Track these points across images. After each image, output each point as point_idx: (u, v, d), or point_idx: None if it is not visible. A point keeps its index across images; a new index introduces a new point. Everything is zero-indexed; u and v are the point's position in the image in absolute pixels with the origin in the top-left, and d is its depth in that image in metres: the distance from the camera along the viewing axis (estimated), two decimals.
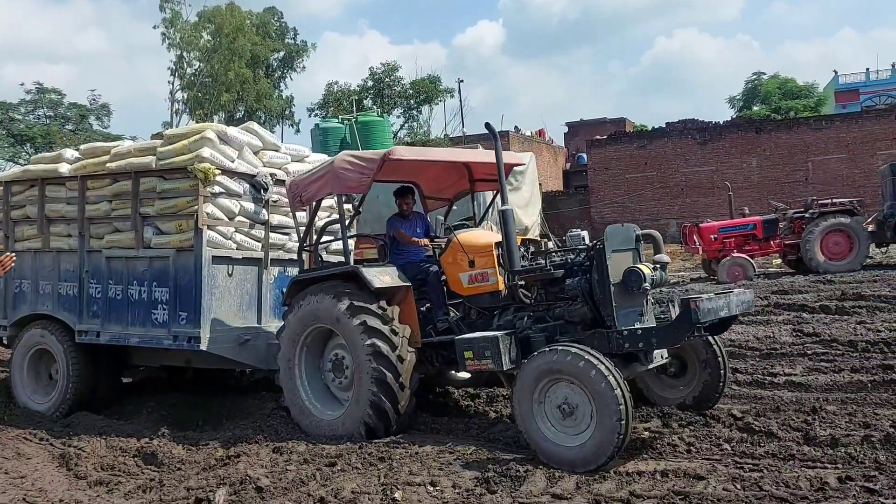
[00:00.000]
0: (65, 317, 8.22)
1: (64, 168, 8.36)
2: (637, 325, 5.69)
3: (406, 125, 39.32)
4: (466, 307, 6.70)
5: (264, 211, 7.88)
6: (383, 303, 6.37)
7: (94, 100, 37.79)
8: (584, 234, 6.36)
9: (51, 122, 36.08)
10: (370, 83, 38.53)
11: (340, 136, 19.11)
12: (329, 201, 7.92)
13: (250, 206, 7.78)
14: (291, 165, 8.35)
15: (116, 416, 8.04)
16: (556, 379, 5.28)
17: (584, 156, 34.07)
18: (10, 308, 8.72)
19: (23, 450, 6.87)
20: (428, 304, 6.78)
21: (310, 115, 40.22)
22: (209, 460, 5.95)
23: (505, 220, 6.04)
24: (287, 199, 7.65)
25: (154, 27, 41.63)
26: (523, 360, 5.64)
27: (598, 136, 33.49)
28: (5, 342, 9.23)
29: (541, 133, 38.52)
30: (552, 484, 4.94)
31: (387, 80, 38.12)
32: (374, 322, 6.24)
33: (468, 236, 6.73)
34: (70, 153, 8.72)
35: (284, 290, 7.42)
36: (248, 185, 7.77)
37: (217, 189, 7.42)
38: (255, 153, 8.09)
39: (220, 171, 7.39)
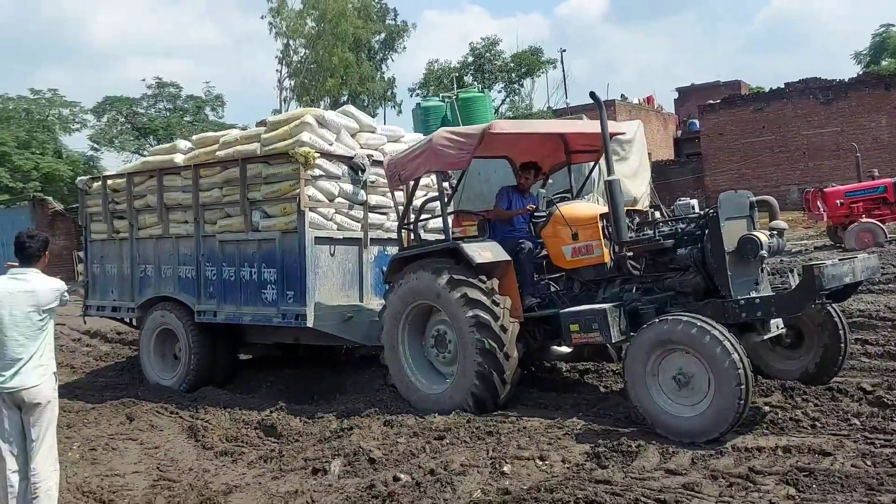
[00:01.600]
0: (185, 298, 8.70)
1: (178, 158, 8.83)
2: (754, 294, 5.50)
3: (507, 100, 39.02)
4: (569, 281, 6.62)
5: (362, 192, 8.07)
6: (483, 277, 6.37)
7: (208, 91, 39.70)
8: (694, 202, 6.20)
9: (170, 115, 38.16)
10: (470, 59, 38.40)
11: (441, 115, 19.11)
12: (426, 180, 7.97)
13: (349, 187, 7.98)
14: (388, 146, 8.51)
15: (239, 390, 8.46)
16: (669, 349, 5.18)
17: (696, 122, 32.70)
18: (136, 292, 9.29)
19: (155, 422, 7.34)
20: (529, 278, 6.71)
21: (411, 96, 40.60)
22: (324, 432, 6.15)
23: (612, 190, 5.94)
24: (384, 180, 7.80)
25: (262, 17, 43.12)
26: (632, 333, 5.58)
27: (710, 101, 31.99)
28: (134, 323, 9.88)
29: (649, 100, 37.22)
30: (666, 459, 4.81)
31: (487, 54, 37.88)
32: (475, 294, 6.25)
33: (570, 209, 6.66)
34: (184, 144, 9.20)
35: (384, 268, 7.59)
36: (346, 167, 7.96)
37: (317, 172, 7.63)
38: (353, 135, 8.28)
39: (319, 155, 7.60)
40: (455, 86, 26.47)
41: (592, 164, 7.80)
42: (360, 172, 7.97)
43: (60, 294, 4.81)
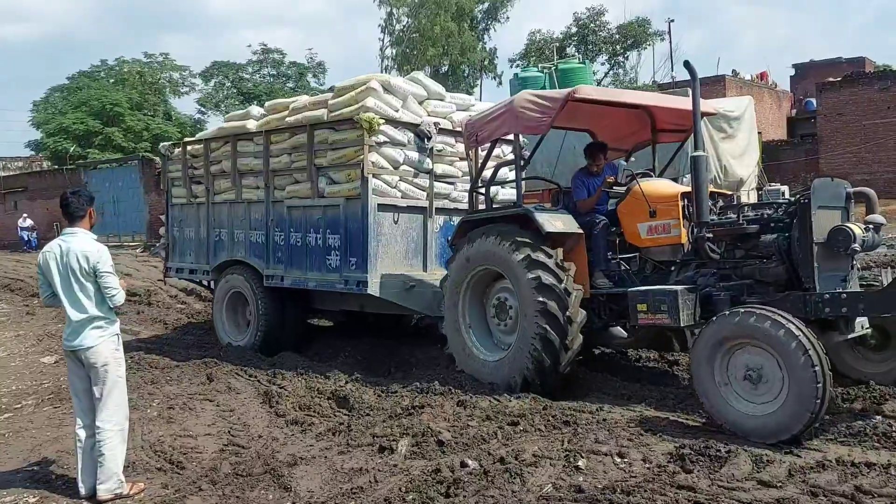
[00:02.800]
0: (255, 262, 8.82)
1: (251, 124, 8.89)
2: (840, 290, 5.16)
3: (611, 72, 37.78)
4: (642, 260, 6.38)
5: (428, 160, 7.95)
6: (559, 255, 6.18)
7: (311, 58, 40.31)
8: (784, 189, 5.72)
9: (274, 81, 39.00)
10: (574, 30, 37.33)
11: (539, 86, 18.61)
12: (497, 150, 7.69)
13: (414, 154, 7.87)
14: (456, 115, 8.34)
15: (317, 357, 8.46)
16: (742, 343, 4.88)
17: (814, 101, 30.61)
18: (211, 255, 9.52)
19: (233, 384, 7.39)
20: (602, 255, 6.45)
21: (511, 66, 39.90)
22: (395, 408, 5.98)
23: (696, 167, 5.63)
24: (453, 149, 7.76)
25: None
26: (703, 321, 5.31)
27: (830, 79, 29.85)
28: (210, 286, 10.07)
29: (762, 76, 35.14)
30: (759, 468, 4.36)
31: (592, 25, 36.71)
32: (538, 256, 6.10)
33: (651, 185, 6.37)
34: (257, 110, 9.26)
35: (450, 238, 7.43)
36: (412, 135, 7.86)
37: (381, 138, 7.55)
38: (420, 103, 8.17)
39: (384, 121, 7.52)
40: (555, 56, 25.75)
41: (680, 144, 7.31)
42: (426, 140, 7.85)
43: (90, 259, 4.67)
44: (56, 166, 32.94)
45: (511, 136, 6.88)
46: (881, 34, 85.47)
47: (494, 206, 7.28)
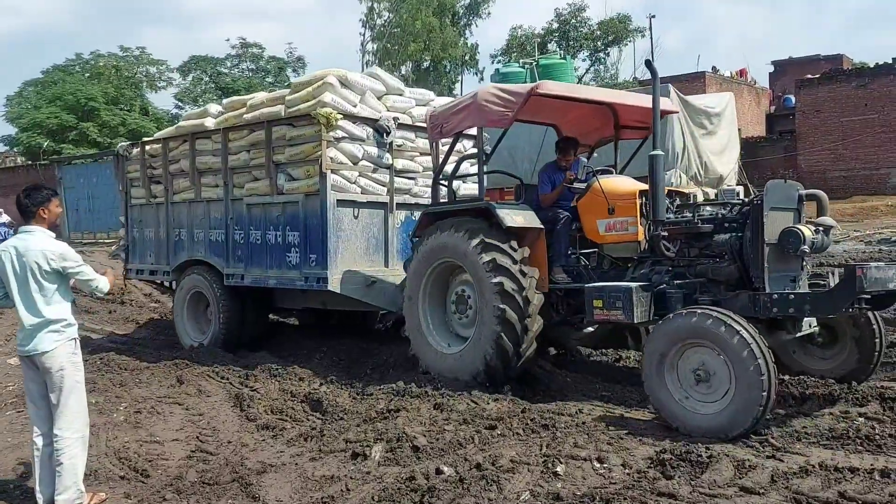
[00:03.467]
0: (215, 261, 8.76)
1: (209, 122, 8.86)
2: (789, 290, 5.26)
3: (592, 68, 37.77)
4: (600, 256, 6.46)
5: (388, 155, 7.93)
6: (514, 243, 6.21)
7: (290, 53, 39.90)
8: (739, 189, 5.85)
9: (252, 76, 38.59)
10: (555, 25, 37.26)
11: (520, 81, 18.46)
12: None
13: (374, 150, 7.85)
14: (416, 109, 8.32)
15: (292, 357, 8.24)
16: (693, 343, 4.95)
17: (792, 97, 30.76)
18: (172, 255, 9.43)
19: (204, 387, 7.18)
20: (562, 250, 6.52)
21: (492, 62, 39.77)
22: (370, 412, 5.81)
23: (654, 167, 5.67)
24: (413, 144, 7.82)
25: None
26: (657, 319, 5.34)
27: (809, 76, 30.00)
28: (172, 286, 9.94)
29: (742, 73, 35.27)
30: (741, 474, 4.25)
31: (573, 21, 36.66)
32: (504, 261, 6.12)
33: (611, 182, 6.43)
34: (215, 108, 9.22)
35: (412, 233, 7.41)
36: (371, 130, 7.82)
37: (340, 134, 7.52)
38: (379, 98, 8.15)
39: (341, 116, 7.48)
40: (537, 52, 25.65)
41: (641, 140, 7.28)
42: (385, 135, 7.82)
43: (52, 259, 4.47)
44: (30, 162, 32.33)
45: (475, 130, 6.87)
46: (859, 32, 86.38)
47: (457, 199, 7.27)
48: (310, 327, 9.74)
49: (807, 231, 5.21)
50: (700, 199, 6.26)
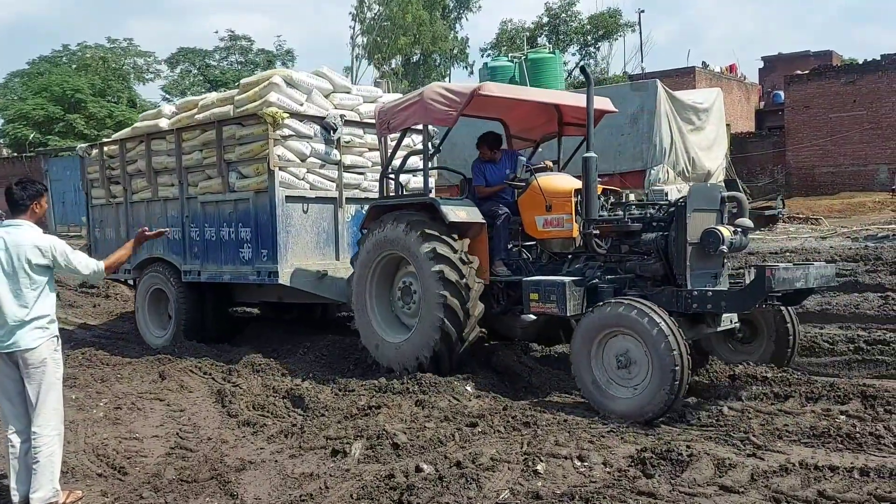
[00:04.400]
0: (173, 259, 8.95)
1: (163, 123, 9.09)
2: (708, 287, 5.58)
3: (582, 62, 37.70)
4: (539, 250, 6.75)
5: (336, 151, 8.13)
6: (455, 235, 6.48)
7: (279, 46, 39.72)
8: (668, 190, 6.17)
9: (241, 68, 38.34)
10: (545, 20, 37.18)
11: (509, 75, 18.44)
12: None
13: (321, 147, 8.03)
14: (363, 106, 8.51)
15: (275, 353, 8.19)
16: (617, 331, 5.28)
17: (781, 93, 30.81)
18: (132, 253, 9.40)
19: (186, 383, 7.13)
20: (503, 243, 6.79)
21: (482, 56, 39.66)
22: (351, 409, 5.77)
23: (587, 168, 6.00)
24: (362, 140, 8.13)
25: None
26: (588, 309, 5.59)
27: (798, 72, 30.06)
28: (132, 283, 10.06)
29: (731, 68, 35.29)
30: (721, 473, 4.23)
31: (563, 15, 36.60)
32: (443, 250, 6.37)
33: (548, 180, 6.65)
34: (168, 109, 9.46)
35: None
36: (318, 127, 8.00)
37: (286, 132, 7.71)
38: (326, 96, 8.34)
39: (288, 115, 7.66)
40: (526, 46, 25.59)
41: (583, 138, 7.35)
42: (332, 132, 8.01)
43: (44, 252, 4.40)
44: (15, 154, 32.05)
45: (421, 126, 7.07)
46: (848, 28, 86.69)
47: (405, 193, 7.48)
48: (295, 324, 9.68)
49: (726, 231, 5.46)
50: (632, 198, 6.60)
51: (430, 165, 7.03)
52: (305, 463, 4.87)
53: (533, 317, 6.62)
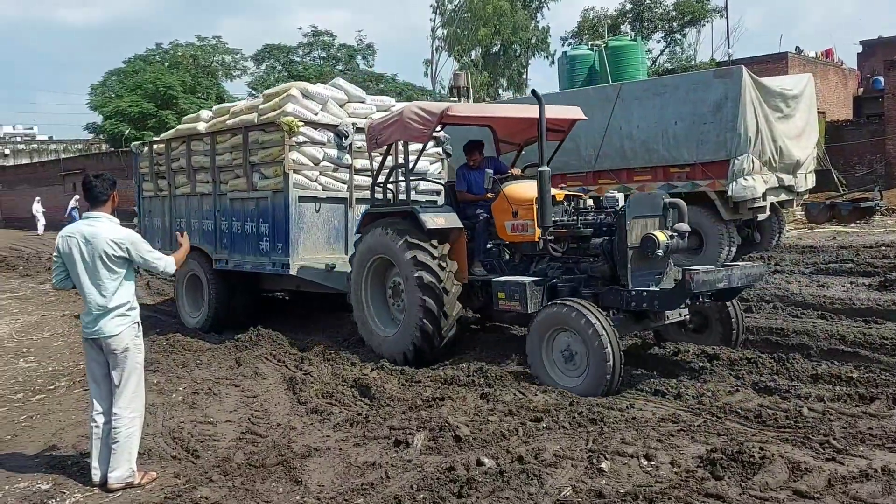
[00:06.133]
0: (206, 248, 9.79)
1: (201, 126, 9.92)
2: (645, 288, 6.08)
3: (667, 50, 36.68)
4: (512, 251, 7.33)
5: (348, 156, 8.85)
6: (435, 241, 7.07)
7: (360, 40, 40.19)
8: (620, 196, 6.55)
9: (323, 63, 39.03)
10: (629, 6, 36.27)
11: (589, 65, 18.06)
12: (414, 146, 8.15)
13: (333, 152, 8.77)
14: (376, 115, 8.99)
15: (346, 343, 8.33)
16: (561, 328, 5.90)
17: (881, 79, 29.07)
18: (173, 241, 10.07)
19: (260, 369, 7.32)
20: (482, 245, 7.40)
21: (562, 45, 39.02)
22: (416, 399, 5.79)
23: (542, 180, 6.42)
24: None
25: None
26: (539, 309, 6.19)
27: None
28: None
29: (827, 54, 33.52)
30: (796, 476, 4.03)
31: (647, 1, 35.59)
32: (423, 257, 6.97)
33: (514, 189, 7.20)
34: (206, 114, 10.34)
35: None
36: (332, 134, 8.73)
37: (301, 139, 8.47)
38: (342, 105, 9.12)
39: (303, 123, 8.43)
40: (607, 34, 25.04)
41: (559, 143, 8.11)
42: (344, 138, 8.72)
43: (120, 245, 4.58)
44: (112, 149, 33.64)
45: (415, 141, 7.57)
46: None
47: (412, 199, 7.94)
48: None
49: (662, 236, 5.99)
50: (591, 204, 7.15)
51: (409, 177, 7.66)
52: (368, 452, 4.91)
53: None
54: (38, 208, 32.49)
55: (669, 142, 11.84)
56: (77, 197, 32.01)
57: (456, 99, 26.96)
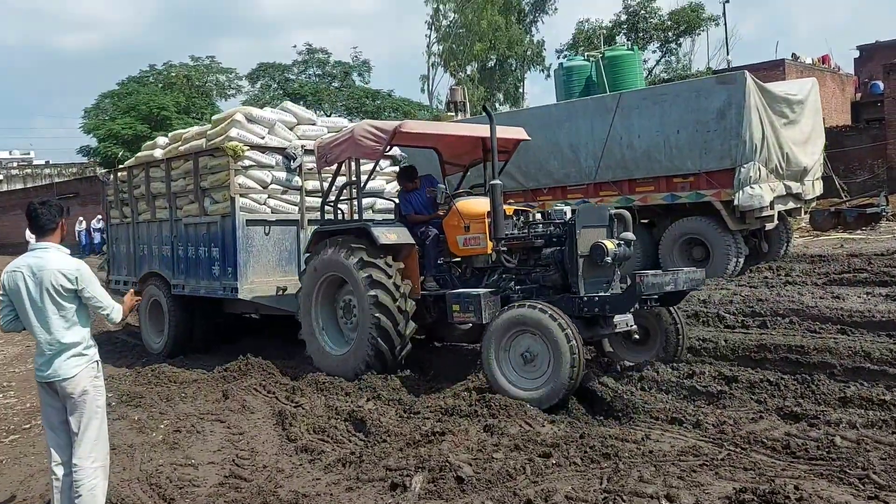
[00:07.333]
0: (165, 273, 9.85)
1: (158, 153, 10.12)
2: (595, 294, 6.23)
3: (663, 60, 36.46)
4: (464, 266, 7.41)
5: (297, 178, 8.92)
6: (389, 258, 7.17)
7: (356, 57, 39.97)
8: (567, 209, 6.70)
9: (319, 81, 38.78)
10: (623, 17, 36.08)
11: (585, 75, 17.71)
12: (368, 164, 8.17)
13: (282, 174, 8.86)
14: (328, 137, 8.76)
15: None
16: (522, 330, 5.97)
17: (880, 83, 28.81)
18: (138, 267, 10.59)
19: (248, 402, 6.89)
20: (433, 261, 7.46)
21: (558, 57, 38.80)
22: (414, 434, 5.34)
23: (494, 193, 6.60)
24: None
25: None
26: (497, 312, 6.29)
27: None
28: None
29: (824, 59, 33.32)
30: None
31: (642, 12, 35.40)
32: (379, 276, 7.04)
33: (466, 204, 7.36)
34: (162, 140, 10.52)
35: None
36: (280, 157, 8.83)
37: (248, 162, 8.56)
38: (291, 128, 9.21)
39: (248, 147, 8.54)
40: (602, 45, 24.76)
41: (504, 162, 8.09)
42: (292, 161, 8.79)
43: (69, 277, 4.13)
44: (106, 171, 33.24)
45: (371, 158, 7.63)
46: None
47: (369, 218, 8.18)
48: None
49: (610, 245, 6.18)
50: (539, 217, 7.15)
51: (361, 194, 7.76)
52: (362, 497, 4.48)
53: (467, 325, 7.46)
54: (30, 235, 32.18)
55: (672, 151, 11.47)
56: (81, 218, 31.81)
57: (453, 114, 26.72)
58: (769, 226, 11.69)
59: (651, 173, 11.77)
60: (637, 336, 6.63)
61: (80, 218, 32.31)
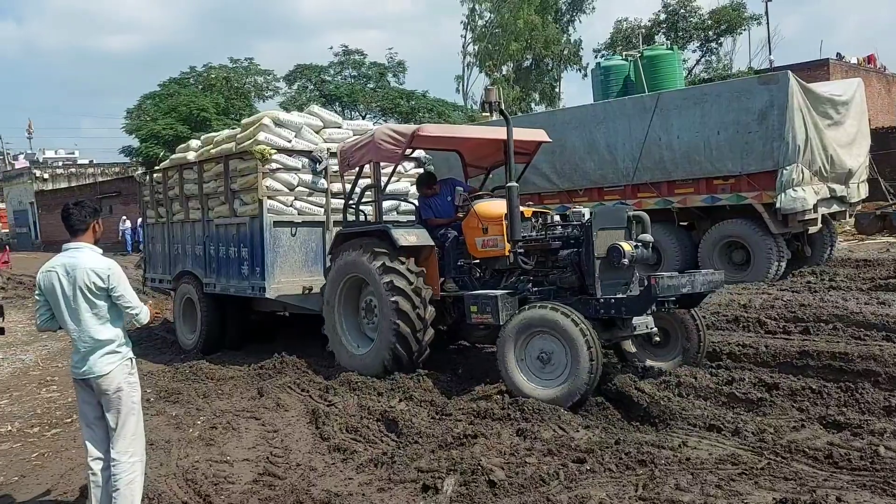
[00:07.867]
0: (198, 272, 10.06)
1: (191, 155, 10.34)
2: (612, 295, 6.18)
3: (703, 59, 35.90)
4: (483, 267, 7.43)
5: (323, 180, 9.05)
6: (411, 263, 7.22)
7: (391, 58, 40.07)
8: (585, 211, 6.64)
9: (354, 82, 38.98)
10: (663, 16, 35.61)
11: (623, 75, 17.51)
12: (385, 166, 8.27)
13: (308, 177, 8.99)
14: (351, 140, 8.74)
15: None
16: (538, 331, 5.98)
17: None
18: (172, 266, 10.86)
19: (283, 400, 6.93)
20: (452, 262, 7.55)
21: (595, 57, 38.42)
22: (446, 436, 5.32)
23: (510, 196, 6.68)
24: None
25: None
26: (514, 312, 6.30)
27: None
28: (172, 292, 11.12)
29: (870, 59, 32.55)
30: None
31: (682, 11, 34.91)
32: (400, 282, 7.09)
33: (484, 206, 7.38)
34: (195, 143, 10.77)
35: None
36: (306, 160, 8.96)
37: (275, 165, 8.73)
38: (317, 131, 9.36)
39: (276, 151, 8.69)
40: (641, 44, 24.48)
41: (525, 165, 8.26)
42: (318, 164, 8.94)
43: (101, 275, 4.17)
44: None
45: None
46: None
47: (392, 219, 8.23)
48: None
49: (627, 246, 6.13)
50: (557, 219, 7.25)
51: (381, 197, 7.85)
52: (394, 499, 4.48)
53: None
54: None
55: (712, 152, 11.28)
56: (124, 217, 32.51)
57: (488, 114, 26.69)
58: (812, 229, 11.42)
59: (691, 175, 11.59)
60: (658, 339, 6.56)
61: (124, 217, 33.02)
